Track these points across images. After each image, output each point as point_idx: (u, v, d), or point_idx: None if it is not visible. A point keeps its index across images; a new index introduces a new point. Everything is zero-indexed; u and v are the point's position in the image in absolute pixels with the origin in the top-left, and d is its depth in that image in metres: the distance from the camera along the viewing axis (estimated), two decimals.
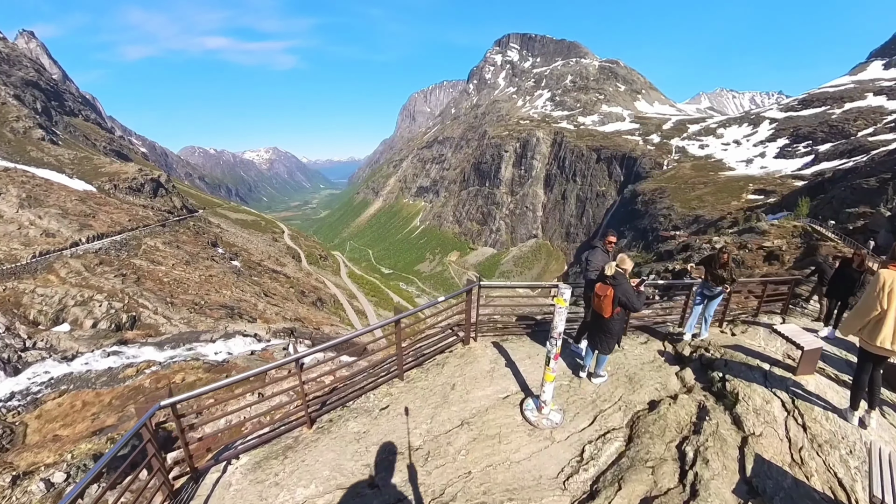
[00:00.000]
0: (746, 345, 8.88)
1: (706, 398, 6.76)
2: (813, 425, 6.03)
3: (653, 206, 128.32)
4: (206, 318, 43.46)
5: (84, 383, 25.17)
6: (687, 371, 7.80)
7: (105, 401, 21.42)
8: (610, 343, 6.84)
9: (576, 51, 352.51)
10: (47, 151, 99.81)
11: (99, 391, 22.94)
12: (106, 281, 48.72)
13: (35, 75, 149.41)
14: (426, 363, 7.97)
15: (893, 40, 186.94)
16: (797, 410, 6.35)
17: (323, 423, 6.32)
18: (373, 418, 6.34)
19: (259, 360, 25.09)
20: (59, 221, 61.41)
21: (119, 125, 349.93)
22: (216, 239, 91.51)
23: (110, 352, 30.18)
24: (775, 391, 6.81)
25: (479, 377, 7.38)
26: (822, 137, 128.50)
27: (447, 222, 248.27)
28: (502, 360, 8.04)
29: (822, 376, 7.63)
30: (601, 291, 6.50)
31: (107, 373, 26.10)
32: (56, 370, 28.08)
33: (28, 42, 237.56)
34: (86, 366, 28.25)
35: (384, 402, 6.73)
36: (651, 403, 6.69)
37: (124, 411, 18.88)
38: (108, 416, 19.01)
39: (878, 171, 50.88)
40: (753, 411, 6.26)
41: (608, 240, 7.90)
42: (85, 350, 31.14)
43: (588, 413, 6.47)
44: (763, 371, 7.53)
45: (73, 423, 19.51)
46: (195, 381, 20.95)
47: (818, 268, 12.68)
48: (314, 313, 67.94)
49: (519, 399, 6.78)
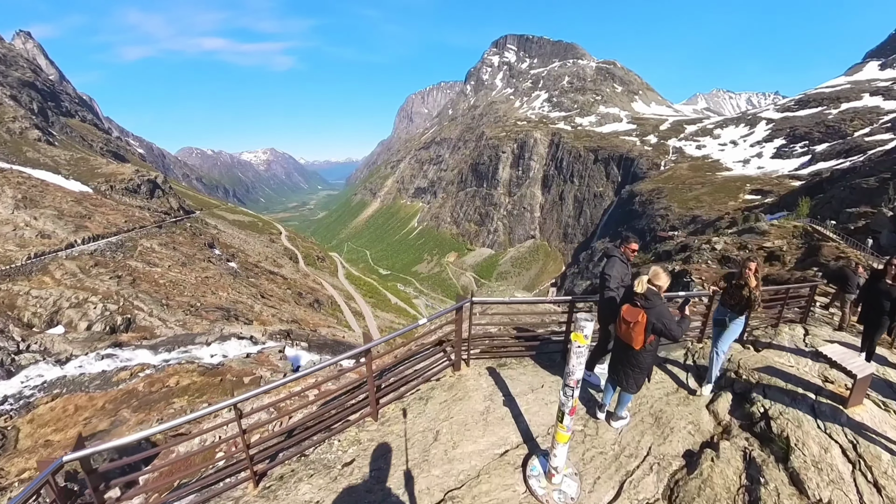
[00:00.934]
0: (776, 364, 7.68)
1: (750, 443, 5.57)
2: (887, 483, 4.90)
3: (650, 207, 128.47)
4: (202, 321, 43.20)
5: (77, 387, 24.89)
6: (720, 402, 6.60)
7: (98, 405, 21.18)
8: (639, 379, 5.43)
9: (573, 52, 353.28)
10: (43, 152, 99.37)
11: (92, 395, 22.69)
12: (101, 283, 48.39)
13: (32, 76, 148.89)
14: (408, 395, 6.63)
15: (889, 41, 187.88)
16: (862, 461, 5.18)
17: (272, 481, 5.00)
18: (332, 479, 4.92)
19: (254, 362, 24.88)
20: (54, 223, 61.05)
21: (116, 126, 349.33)
22: (213, 240, 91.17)
23: (104, 354, 29.87)
24: (831, 433, 5.66)
25: (469, 422, 5.88)
26: (819, 138, 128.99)
27: (445, 223, 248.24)
28: (499, 394, 6.59)
29: (872, 404, 6.61)
30: (630, 316, 5.10)
31: (100, 376, 25.82)
32: (49, 373, 27.78)
33: (25, 42, 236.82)
34: (79, 369, 27.96)
35: (349, 455, 5.33)
36: (687, 456, 5.42)
37: (117, 416, 18.67)
38: (100, 421, 18.77)
39: (877, 170, 50.92)
40: (813, 465, 5.07)
41: (629, 247, 6.31)
42: (79, 353, 30.84)
43: (612, 478, 4.98)
44: (809, 402, 6.36)
45: (65, 428, 19.27)
46: (189, 384, 20.75)
47: (841, 274, 12.03)
48: (311, 315, 67.70)
49: (521, 456, 5.25)
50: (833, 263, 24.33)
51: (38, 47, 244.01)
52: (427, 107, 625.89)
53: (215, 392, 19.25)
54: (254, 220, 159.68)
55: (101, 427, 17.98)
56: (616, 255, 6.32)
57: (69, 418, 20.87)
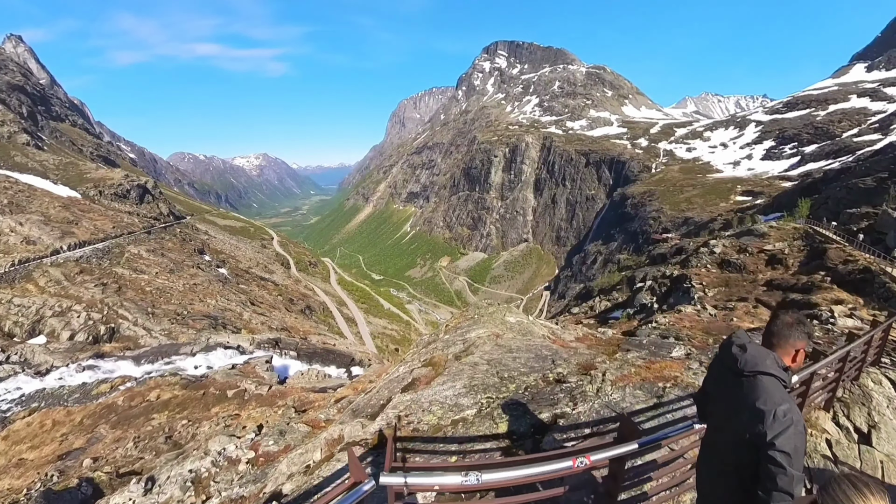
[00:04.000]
0: None
1: None
2: None
3: (642, 209, 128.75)
4: (188, 330, 42.29)
5: (56, 400, 24.05)
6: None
7: (76, 420, 20.39)
8: None
9: (563, 57, 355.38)
10: (32, 157, 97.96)
11: (70, 409, 21.87)
12: (86, 290, 47.38)
13: (21, 80, 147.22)
14: None
15: (875, 43, 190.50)
16: None
17: None
18: None
19: (239, 374, 24.13)
20: (40, 228, 59.90)
21: (107, 130, 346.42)
22: (203, 246, 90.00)
23: (86, 366, 29.01)
24: None
25: None
26: (808, 139, 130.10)
27: (438, 227, 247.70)
28: None
29: None
30: None
31: (80, 389, 24.99)
32: (28, 386, 26.87)
33: (16, 46, 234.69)
34: (59, 381, 27.09)
35: None
36: None
37: (94, 432, 17.91)
38: (76, 438, 18.00)
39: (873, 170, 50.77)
40: None
41: (795, 350, 2.81)
42: (59, 364, 29.93)
43: None
44: None
45: (40, 446, 18.46)
46: (170, 398, 20.01)
47: None
48: (302, 322, 66.84)
49: None
50: (842, 267, 23.52)
51: (29, 51, 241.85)
52: (419, 112, 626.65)
53: (196, 407, 18.52)
54: (245, 225, 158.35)
55: (77, 444, 17.22)
56: (776, 373, 2.68)
57: (46, 434, 20.06)
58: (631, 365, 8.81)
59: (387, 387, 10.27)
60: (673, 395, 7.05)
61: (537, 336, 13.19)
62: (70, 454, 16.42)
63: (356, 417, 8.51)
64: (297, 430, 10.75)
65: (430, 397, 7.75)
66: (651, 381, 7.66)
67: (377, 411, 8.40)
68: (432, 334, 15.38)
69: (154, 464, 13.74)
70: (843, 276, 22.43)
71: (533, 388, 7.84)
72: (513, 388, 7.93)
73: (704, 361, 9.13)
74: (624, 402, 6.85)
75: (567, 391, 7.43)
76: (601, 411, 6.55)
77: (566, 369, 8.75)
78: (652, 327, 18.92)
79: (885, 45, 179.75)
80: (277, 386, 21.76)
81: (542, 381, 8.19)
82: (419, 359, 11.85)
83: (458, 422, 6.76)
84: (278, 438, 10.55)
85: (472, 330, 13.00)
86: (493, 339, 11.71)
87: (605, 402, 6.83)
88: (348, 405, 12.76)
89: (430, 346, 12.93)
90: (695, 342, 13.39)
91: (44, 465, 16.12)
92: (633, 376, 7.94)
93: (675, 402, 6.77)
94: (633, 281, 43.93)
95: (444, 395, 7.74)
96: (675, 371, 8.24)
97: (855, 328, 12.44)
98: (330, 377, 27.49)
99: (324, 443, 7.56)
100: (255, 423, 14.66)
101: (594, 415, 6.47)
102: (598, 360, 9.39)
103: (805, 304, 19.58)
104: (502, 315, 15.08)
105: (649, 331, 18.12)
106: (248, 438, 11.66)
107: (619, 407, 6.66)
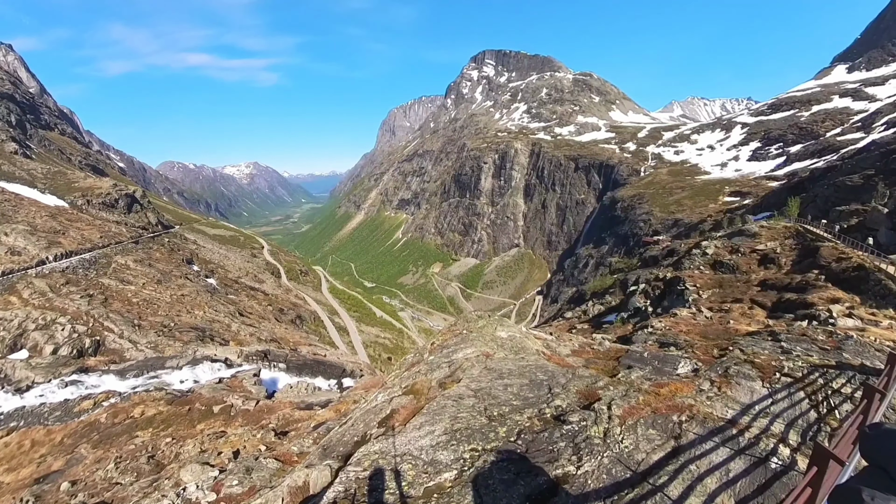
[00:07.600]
0: None
1: None
2: None
3: (632, 212, 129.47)
4: (175, 342, 41.42)
5: (36, 419, 23.24)
6: None
7: (56, 439, 19.68)
8: None
9: (550, 65, 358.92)
10: (19, 165, 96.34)
11: (51, 428, 21.14)
12: (71, 302, 46.32)
13: (10, 88, 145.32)
14: None
15: (855, 45, 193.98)
16: None
17: None
18: None
19: (226, 388, 23.50)
20: (26, 238, 58.72)
21: (97, 140, 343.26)
22: (192, 256, 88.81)
23: (69, 381, 28.16)
24: None
25: None
26: (793, 139, 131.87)
27: (429, 234, 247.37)
28: None
29: None
30: None
31: (62, 406, 24.18)
32: (7, 404, 26.00)
33: (6, 55, 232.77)
34: (40, 398, 26.23)
35: None
36: None
37: (74, 453, 17.24)
38: (56, 459, 17.31)
39: (860, 167, 51.29)
40: None
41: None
42: (41, 380, 29.06)
43: None
44: None
45: (17, 468, 17.75)
46: (154, 414, 19.37)
47: None
48: (292, 332, 65.99)
49: None
50: (835, 265, 23.38)
51: (19, 60, 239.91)
52: (409, 120, 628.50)
53: (182, 424, 17.90)
54: (235, 234, 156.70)
55: (56, 466, 16.55)
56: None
57: (24, 455, 19.32)
58: (637, 390, 8.16)
59: (363, 418, 9.60)
60: (692, 434, 6.37)
61: (531, 353, 12.58)
62: (48, 477, 15.76)
63: (325, 458, 7.71)
64: (264, 468, 10.52)
65: (404, 447, 6.79)
66: (663, 413, 6.98)
67: (350, 450, 7.73)
68: (416, 353, 14.41)
69: (125, 493, 13.33)
70: (837, 273, 22.37)
71: (527, 433, 6.82)
72: (503, 432, 6.89)
73: (715, 380, 8.57)
74: (638, 451, 5.96)
75: (569, 436, 6.51)
76: (613, 470, 5.56)
77: (565, 401, 7.96)
78: (648, 332, 18.66)
79: (865, 46, 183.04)
80: (265, 401, 21.15)
81: (539, 419, 7.30)
82: (400, 384, 11.10)
83: (433, 491, 5.60)
84: (243, 478, 10.23)
85: (459, 349, 12.23)
86: (483, 361, 10.92)
87: (616, 453, 5.91)
88: (326, 433, 12.35)
89: (412, 370, 12.06)
90: (697, 352, 13.05)
91: (20, 490, 15.46)
92: (643, 407, 7.22)
93: (697, 445, 6.07)
94: (625, 284, 43.80)
95: (420, 445, 6.74)
96: (686, 396, 7.69)
97: (857, 328, 12.22)
98: (320, 389, 26.90)
99: (287, 491, 7.06)
100: (232, 449, 14.28)
101: (605, 477, 5.43)
102: (599, 386, 8.75)
103: (801, 304, 19.44)
104: (493, 330, 14.47)
105: (646, 336, 17.86)
106: (212, 477, 11.53)
107: (634, 460, 5.74)
